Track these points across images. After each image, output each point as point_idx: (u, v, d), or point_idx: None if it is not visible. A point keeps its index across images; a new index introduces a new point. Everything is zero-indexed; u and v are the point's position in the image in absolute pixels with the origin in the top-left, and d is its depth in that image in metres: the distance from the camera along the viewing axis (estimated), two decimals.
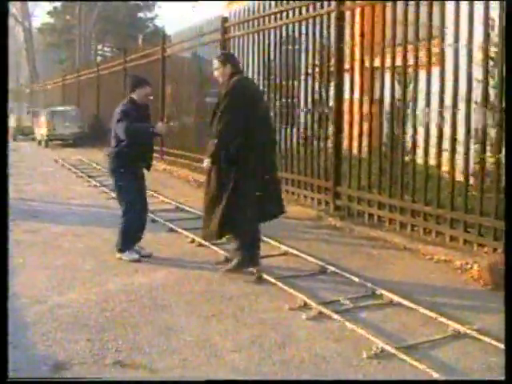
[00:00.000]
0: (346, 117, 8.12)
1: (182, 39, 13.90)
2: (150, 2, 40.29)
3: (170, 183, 11.20)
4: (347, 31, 8.08)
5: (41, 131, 22.85)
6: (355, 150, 7.98)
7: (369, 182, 7.65)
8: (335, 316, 4.44)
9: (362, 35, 7.65)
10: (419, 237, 6.78)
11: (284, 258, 6.15)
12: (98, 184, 11.51)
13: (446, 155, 6.54)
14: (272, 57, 9.70)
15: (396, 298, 4.81)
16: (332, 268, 5.65)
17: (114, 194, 9.36)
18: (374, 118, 7.58)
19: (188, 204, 9.14)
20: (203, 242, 6.57)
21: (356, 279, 5.33)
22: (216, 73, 5.58)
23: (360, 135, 7.77)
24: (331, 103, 8.33)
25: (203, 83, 12.82)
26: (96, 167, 14.64)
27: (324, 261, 5.90)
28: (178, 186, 11.55)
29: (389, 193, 7.29)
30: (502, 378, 3.15)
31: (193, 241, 6.78)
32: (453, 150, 6.42)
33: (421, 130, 6.83)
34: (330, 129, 8.39)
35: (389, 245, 6.74)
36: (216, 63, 5.55)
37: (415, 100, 6.90)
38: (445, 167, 6.61)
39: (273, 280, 5.29)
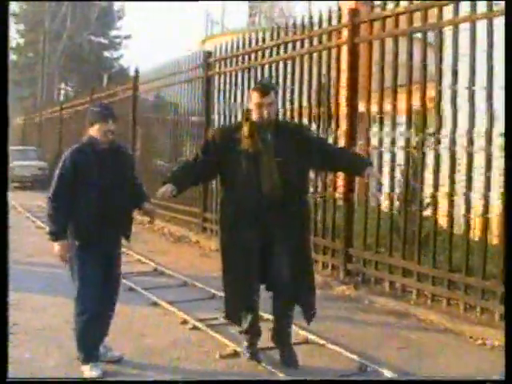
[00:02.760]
0: None
1: (156, 77, 12.64)
2: (117, 41, 39.40)
3: (141, 237, 9.68)
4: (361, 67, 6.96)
5: None
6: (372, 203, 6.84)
7: (390, 243, 6.44)
8: None
9: (382, 71, 6.52)
10: (459, 313, 5.59)
11: (305, 347, 4.77)
12: None
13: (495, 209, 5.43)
14: None
15: None
16: (373, 366, 4.34)
17: None
18: (394, 166, 6.46)
19: (169, 266, 7.77)
20: (197, 324, 5.22)
21: None
22: (272, 106, 4.32)
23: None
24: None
25: (174, 125, 11.78)
26: None
27: (357, 353, 4.57)
28: (151, 240, 10.13)
29: (417, 258, 6.09)
30: (502, 377, 3.24)
31: (185, 321, 5.34)
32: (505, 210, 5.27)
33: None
34: (340, 179, 7.21)
35: (424, 324, 5.52)
36: (273, 95, 4.32)
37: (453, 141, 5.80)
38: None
39: None
